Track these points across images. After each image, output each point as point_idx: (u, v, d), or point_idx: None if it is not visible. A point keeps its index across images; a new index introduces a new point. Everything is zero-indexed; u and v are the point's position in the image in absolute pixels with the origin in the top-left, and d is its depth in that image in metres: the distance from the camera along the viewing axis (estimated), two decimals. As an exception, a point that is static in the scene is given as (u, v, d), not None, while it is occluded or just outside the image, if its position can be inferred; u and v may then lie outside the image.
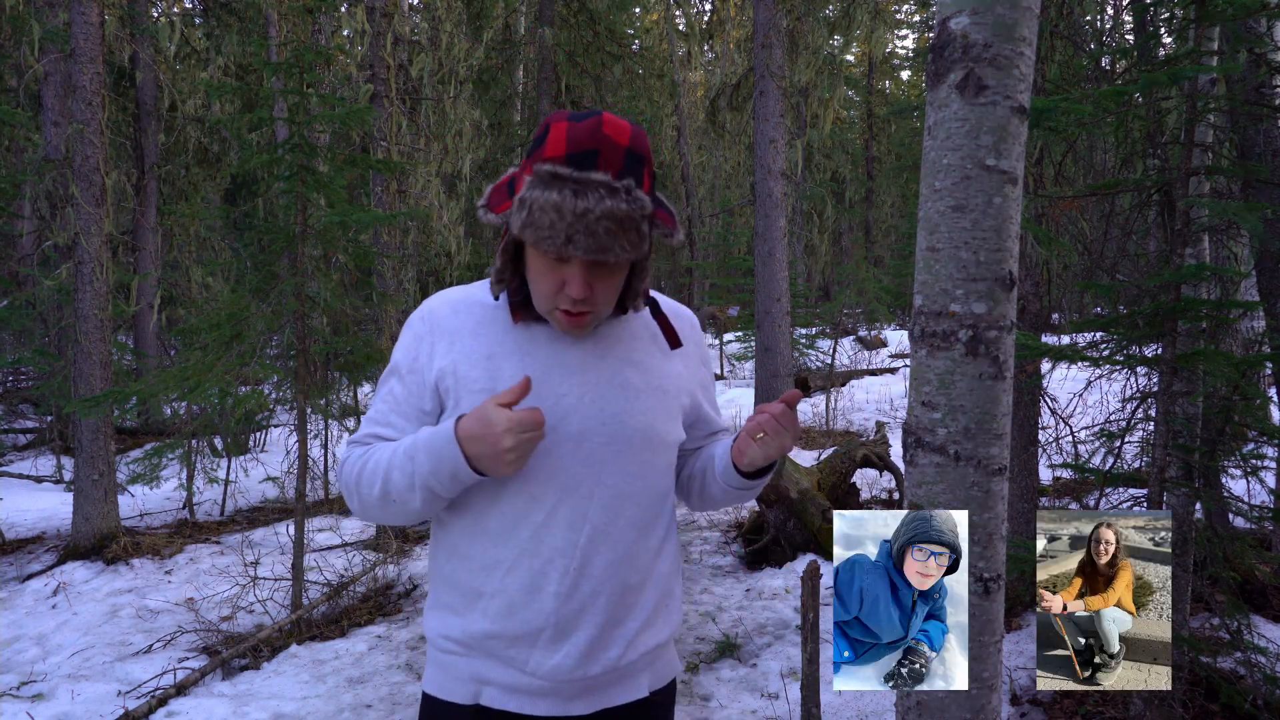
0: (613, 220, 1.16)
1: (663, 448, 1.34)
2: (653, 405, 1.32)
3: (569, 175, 1.16)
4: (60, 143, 6.15)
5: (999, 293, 1.39)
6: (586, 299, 1.21)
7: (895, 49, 26.36)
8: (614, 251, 1.17)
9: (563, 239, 1.15)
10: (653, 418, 1.31)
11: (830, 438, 9.04)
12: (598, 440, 1.27)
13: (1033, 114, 2.75)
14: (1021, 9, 1.35)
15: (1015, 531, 4.14)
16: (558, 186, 1.15)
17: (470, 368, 1.27)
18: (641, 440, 1.30)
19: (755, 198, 9.27)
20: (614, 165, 1.17)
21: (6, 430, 10.35)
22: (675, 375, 1.37)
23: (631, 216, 1.17)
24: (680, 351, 1.40)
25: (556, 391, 1.27)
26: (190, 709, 3.56)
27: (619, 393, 1.29)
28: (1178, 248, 2.85)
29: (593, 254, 1.16)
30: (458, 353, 1.29)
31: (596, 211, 1.14)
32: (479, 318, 1.32)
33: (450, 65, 10.42)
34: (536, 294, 1.25)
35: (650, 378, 1.33)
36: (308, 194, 4.80)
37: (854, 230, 25.02)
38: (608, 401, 1.28)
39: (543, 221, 1.15)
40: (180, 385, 4.65)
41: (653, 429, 1.31)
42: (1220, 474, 3.26)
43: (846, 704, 3.46)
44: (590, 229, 1.14)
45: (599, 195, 1.15)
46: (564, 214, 1.14)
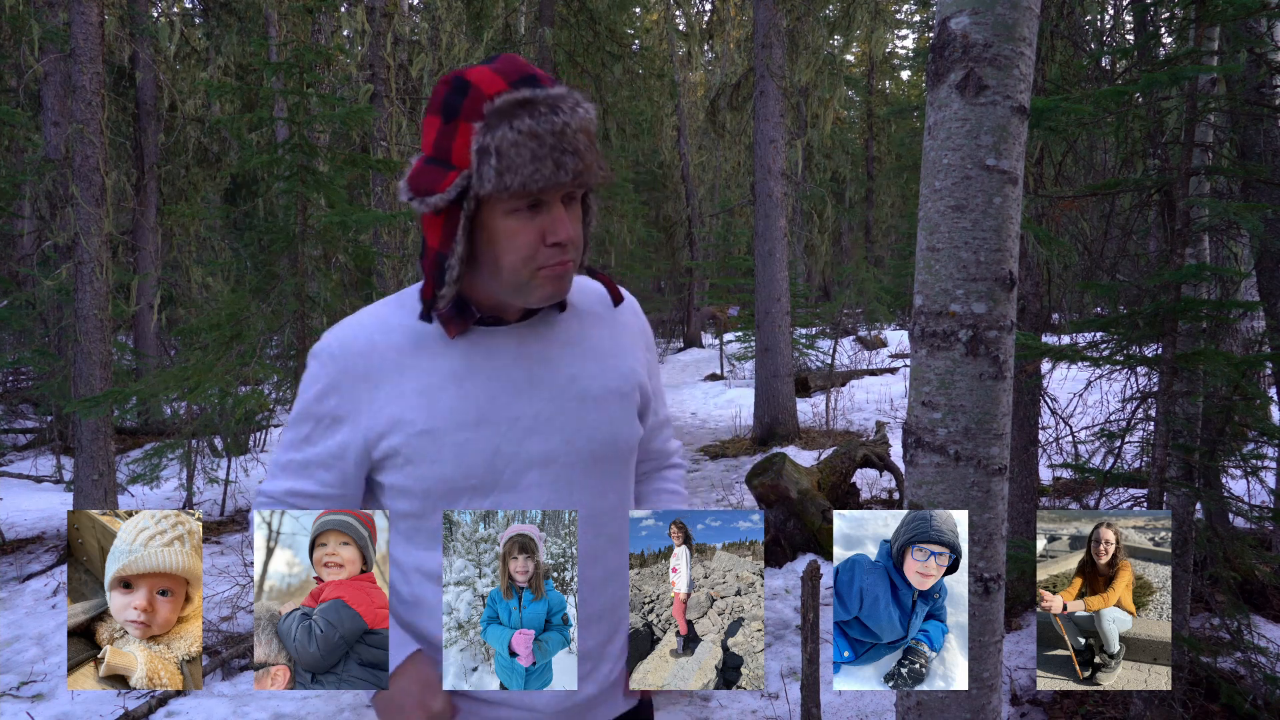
0: (584, 134, 1.05)
1: (629, 454, 1.24)
2: (614, 412, 1.20)
3: (533, 95, 1.03)
4: (60, 143, 6.16)
5: (999, 293, 1.39)
6: (575, 241, 1.08)
7: (895, 49, 26.37)
8: (594, 171, 1.06)
9: (551, 167, 1.01)
10: (616, 426, 1.20)
11: (830, 438, 9.05)
12: (564, 461, 1.15)
13: (1033, 114, 2.75)
14: (1021, 9, 1.35)
15: (1015, 531, 4.14)
16: (526, 113, 1.02)
17: (404, 409, 1.11)
18: (609, 453, 1.19)
19: (755, 198, 9.27)
20: (553, 82, 1.08)
21: (6, 430, 10.35)
22: (629, 372, 1.24)
23: (594, 133, 1.08)
24: (629, 343, 1.27)
25: (509, 415, 1.12)
26: (190, 709, 3.56)
27: (577, 405, 1.16)
28: (1178, 248, 2.85)
29: (581, 176, 1.04)
30: (384, 396, 1.11)
31: (574, 124, 1.03)
32: (399, 344, 1.13)
33: (450, 65, 10.42)
34: (510, 264, 1.08)
35: (604, 379, 1.20)
36: (308, 194, 4.80)
37: (854, 230, 25.02)
38: (567, 417, 1.15)
39: (522, 157, 1.01)
40: (180, 385, 4.65)
41: (619, 438, 1.20)
42: (1220, 474, 3.26)
43: (846, 704, 3.46)
44: (573, 146, 1.03)
45: (568, 108, 1.04)
46: (543, 138, 1.01)
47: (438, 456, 1.10)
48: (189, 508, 6.92)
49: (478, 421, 1.11)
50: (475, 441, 1.11)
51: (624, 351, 1.25)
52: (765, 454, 6.74)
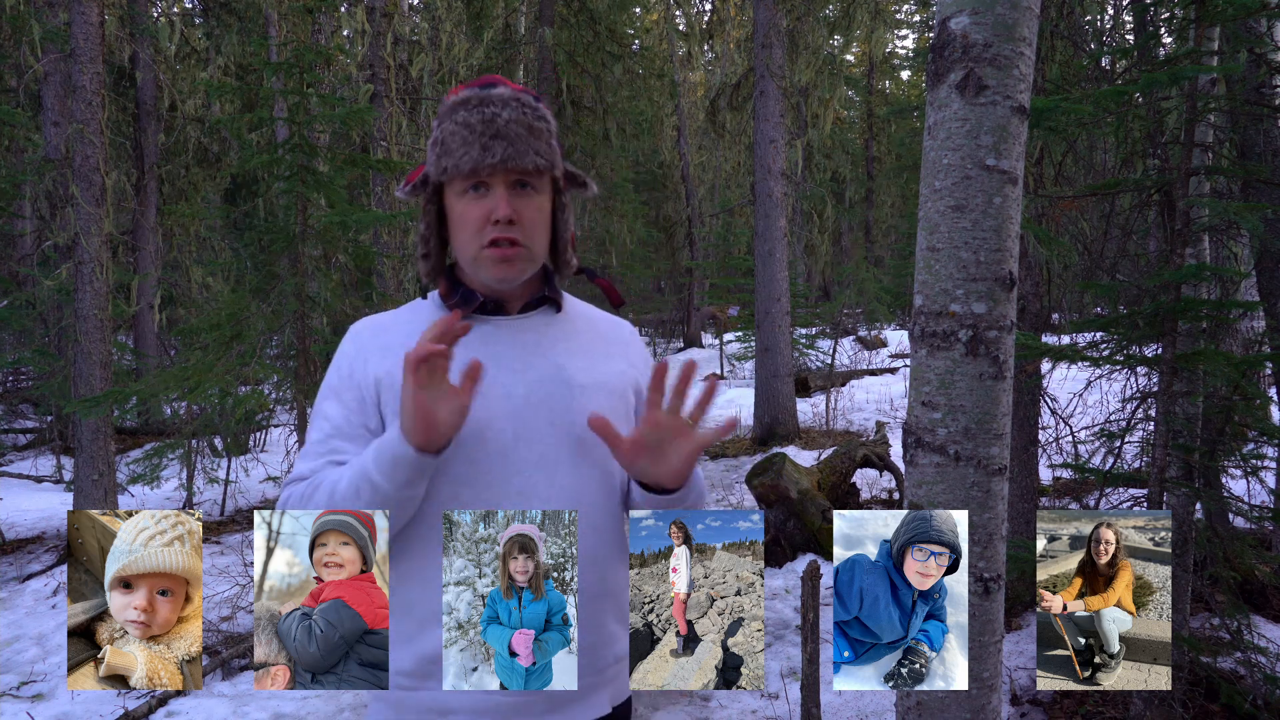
0: (522, 126, 1.18)
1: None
2: (599, 402, 1.25)
3: (471, 94, 1.20)
4: (60, 143, 6.16)
5: (999, 293, 1.39)
6: (513, 220, 1.18)
7: (895, 49, 26.37)
8: (530, 156, 1.17)
9: (478, 150, 1.16)
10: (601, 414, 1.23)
11: (830, 438, 9.04)
12: (549, 441, 1.21)
13: (1033, 114, 2.75)
14: (1021, 9, 1.35)
15: (1015, 531, 4.14)
16: (463, 108, 1.19)
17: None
18: (592, 439, 1.22)
19: (755, 198, 9.27)
20: (514, 89, 1.22)
21: (6, 430, 10.35)
22: (619, 373, 1.31)
23: (538, 128, 1.20)
24: (623, 353, 1.34)
25: (500, 392, 1.21)
26: (190, 709, 3.56)
27: (564, 389, 1.24)
28: (1178, 248, 2.85)
29: (511, 159, 1.16)
30: (392, 361, 1.22)
31: (504, 115, 1.17)
32: (408, 330, 1.25)
33: (450, 65, 10.42)
34: (462, 243, 1.22)
35: (594, 374, 1.27)
36: (308, 194, 4.80)
37: (854, 230, 25.02)
38: (555, 400, 1.23)
39: (454, 143, 1.17)
40: (180, 385, 4.65)
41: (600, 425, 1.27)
42: (1220, 474, 3.26)
43: (846, 704, 3.46)
44: (501, 132, 1.16)
45: (503, 103, 1.18)
46: (473, 127, 1.16)
47: None
48: (189, 508, 6.92)
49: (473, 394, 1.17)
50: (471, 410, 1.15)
51: (618, 357, 1.33)
52: (765, 454, 6.74)
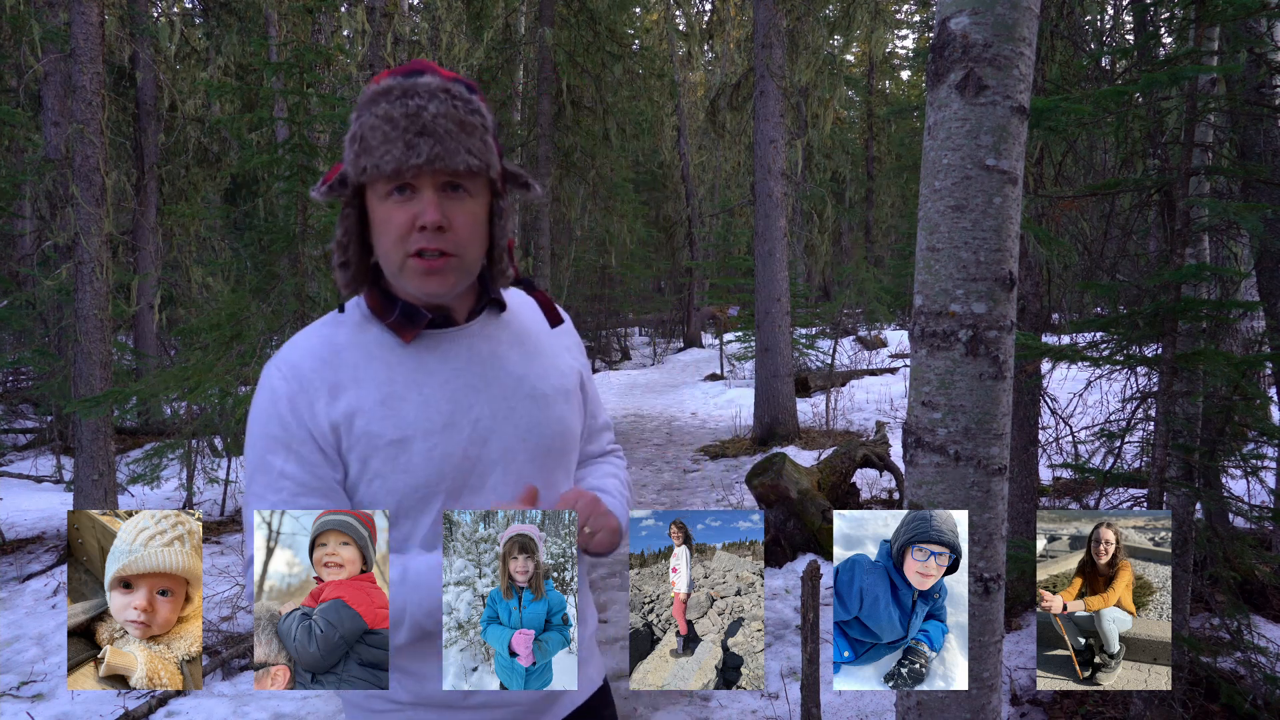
0: (451, 121, 1.04)
1: (575, 449, 1.29)
2: (563, 410, 1.24)
3: (395, 84, 1.05)
4: (60, 143, 6.16)
5: (999, 293, 1.39)
6: (443, 227, 1.05)
7: (895, 49, 26.37)
8: (461, 156, 1.04)
9: (401, 149, 1.02)
10: (567, 422, 1.25)
11: (830, 438, 9.04)
12: (521, 458, 1.18)
13: (1033, 114, 2.76)
14: (1021, 9, 1.35)
15: (1015, 531, 4.14)
16: (384, 99, 1.04)
17: (369, 421, 1.09)
18: (560, 447, 1.23)
19: (755, 198, 9.27)
20: (445, 77, 1.09)
21: (6, 430, 10.35)
22: (570, 370, 1.29)
23: (471, 122, 1.06)
24: (565, 344, 1.31)
25: (469, 416, 1.14)
26: (190, 709, 3.56)
27: (530, 403, 1.20)
28: (1178, 248, 2.85)
29: (439, 160, 1.02)
30: (345, 405, 1.09)
31: (431, 109, 1.03)
32: (351, 360, 1.12)
33: (450, 65, 10.42)
34: (385, 251, 1.08)
35: (552, 379, 1.25)
36: (308, 194, 4.80)
37: (854, 230, 25.03)
38: (521, 415, 1.19)
39: (375, 139, 1.03)
40: (180, 385, 4.65)
41: (569, 433, 1.25)
42: (1220, 474, 3.26)
43: (846, 704, 3.46)
44: (428, 128, 1.02)
45: (430, 94, 1.05)
46: (396, 121, 1.02)
47: (409, 465, 1.10)
48: (189, 508, 6.92)
49: (444, 426, 1.12)
50: (443, 445, 1.12)
51: (563, 351, 1.30)
52: (765, 454, 6.75)
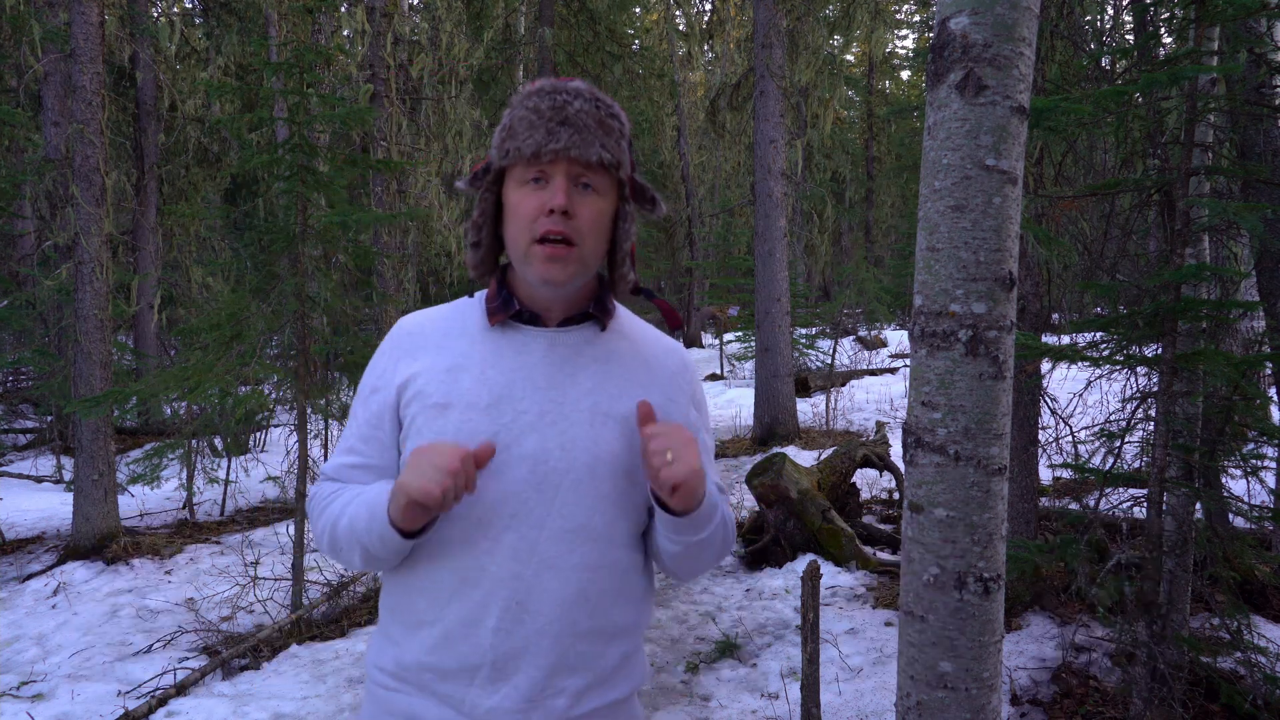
0: (592, 118, 1.14)
1: (628, 485, 1.18)
2: (621, 435, 1.17)
3: (547, 84, 1.16)
4: (60, 143, 6.16)
5: (999, 293, 1.39)
6: (568, 212, 1.12)
7: (895, 49, 26.38)
8: (596, 149, 1.12)
9: (543, 134, 1.11)
10: (619, 449, 1.17)
11: (830, 438, 9.04)
12: (553, 464, 1.14)
13: (1033, 114, 2.75)
14: (1021, 9, 1.35)
15: (1015, 531, 4.14)
16: (536, 96, 1.15)
17: (428, 382, 1.18)
18: (604, 471, 1.16)
19: (755, 198, 9.27)
20: (596, 93, 1.19)
21: (6, 430, 10.35)
22: (655, 406, 1.20)
23: (610, 124, 1.15)
24: (665, 385, 1.25)
25: (516, 407, 1.15)
26: (190, 709, 3.56)
27: (585, 416, 1.16)
28: (1178, 248, 2.85)
29: (575, 148, 1.11)
30: (419, 366, 1.20)
31: (575, 105, 1.13)
32: (446, 330, 1.23)
33: (450, 65, 10.42)
34: (514, 236, 1.16)
35: (622, 404, 1.19)
36: (308, 194, 4.80)
37: (854, 230, 25.03)
38: (570, 424, 1.16)
39: (521, 127, 1.13)
40: (180, 385, 4.65)
41: (617, 461, 1.16)
42: (1220, 474, 3.26)
43: (847, 704, 3.46)
44: (570, 120, 1.12)
45: (576, 94, 1.15)
46: (543, 113, 1.12)
47: (442, 430, 1.15)
48: (188, 508, 6.93)
49: (488, 405, 1.15)
50: (476, 423, 1.14)
51: (656, 390, 1.23)
52: (765, 454, 6.74)
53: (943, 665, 1.47)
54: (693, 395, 1.29)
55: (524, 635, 1.12)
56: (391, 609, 1.21)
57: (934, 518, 1.47)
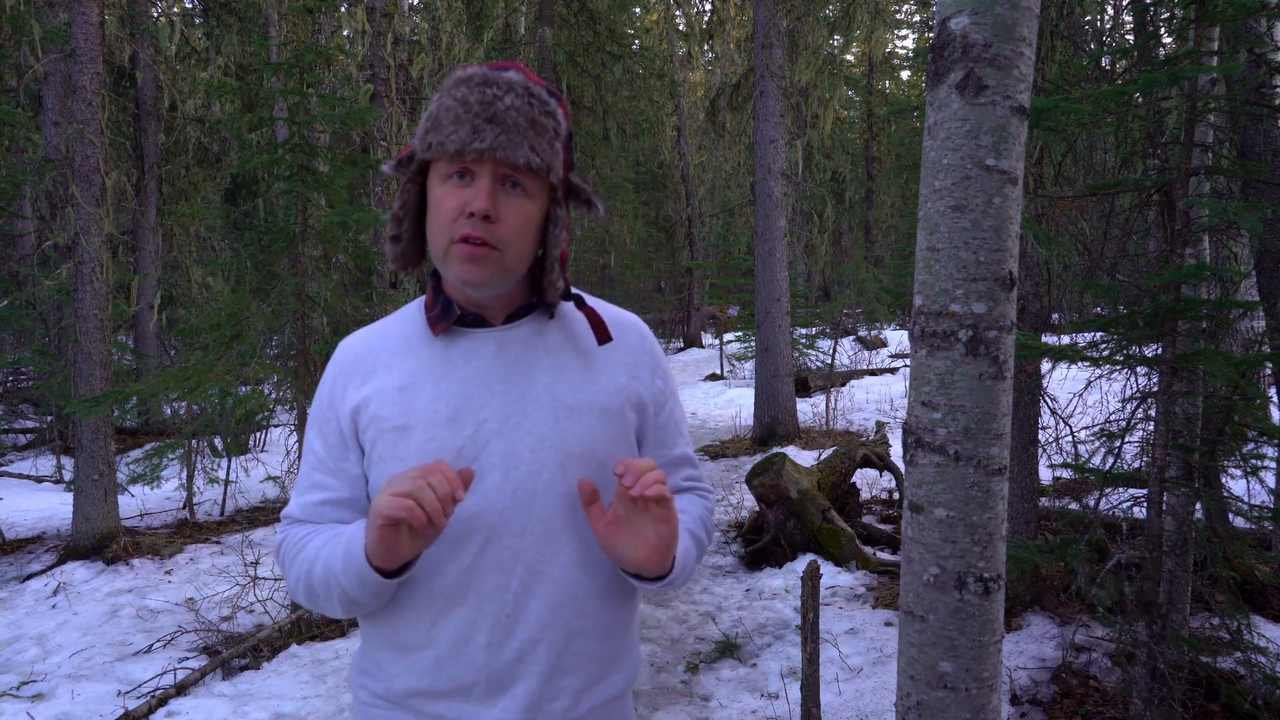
0: (523, 115, 1.06)
1: (603, 474, 1.14)
2: (588, 425, 1.14)
3: (478, 72, 1.09)
4: (60, 143, 6.16)
5: (999, 293, 1.39)
6: (490, 217, 1.05)
7: (895, 49, 26.38)
8: (524, 151, 1.05)
9: (468, 131, 1.04)
10: (589, 440, 1.13)
11: (830, 438, 9.04)
12: (525, 468, 1.10)
13: (1033, 114, 2.76)
14: (1021, 9, 1.35)
15: (1015, 531, 4.14)
16: (465, 84, 1.08)
17: (382, 405, 1.12)
18: (577, 466, 1.12)
19: (755, 198, 9.27)
20: (530, 79, 1.11)
21: (6, 430, 10.35)
22: (617, 389, 1.18)
23: (543, 123, 1.08)
24: (626, 361, 1.21)
25: (477, 416, 1.11)
26: (190, 709, 3.56)
27: (547, 413, 1.12)
28: (1178, 248, 2.85)
29: (500, 149, 1.04)
30: (369, 389, 1.14)
31: (506, 101, 1.06)
32: (391, 348, 1.17)
33: (450, 65, 10.42)
34: (434, 233, 1.10)
35: (585, 393, 1.15)
36: (308, 194, 4.80)
37: (854, 230, 25.03)
38: (534, 423, 1.12)
39: (446, 120, 1.06)
40: (180, 385, 4.65)
41: (590, 453, 1.13)
42: (1220, 474, 3.26)
43: (847, 704, 3.46)
44: (498, 117, 1.05)
45: (508, 87, 1.07)
46: (469, 105, 1.05)
47: (405, 453, 1.10)
48: (188, 508, 6.92)
49: (448, 420, 1.11)
50: (440, 440, 1.10)
51: (617, 369, 1.20)
52: (765, 454, 6.75)
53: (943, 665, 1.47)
54: (655, 366, 1.25)
55: (518, 646, 1.09)
56: (375, 633, 1.16)
57: (934, 518, 1.47)
